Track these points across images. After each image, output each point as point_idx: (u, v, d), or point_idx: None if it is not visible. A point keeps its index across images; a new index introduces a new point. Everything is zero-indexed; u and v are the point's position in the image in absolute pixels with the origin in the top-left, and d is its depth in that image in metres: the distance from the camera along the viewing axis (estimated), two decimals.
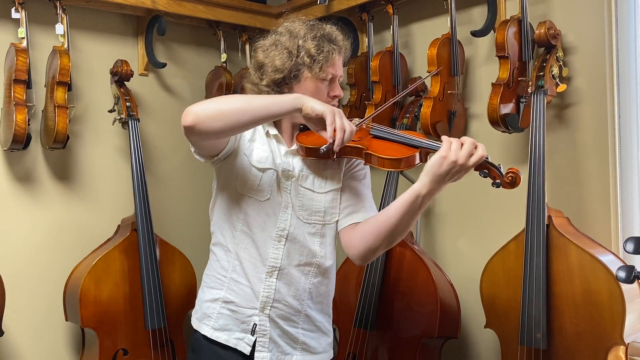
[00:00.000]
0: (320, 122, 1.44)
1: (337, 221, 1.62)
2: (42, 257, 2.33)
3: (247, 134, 1.62)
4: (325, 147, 1.43)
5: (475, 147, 1.41)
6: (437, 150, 1.43)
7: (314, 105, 1.43)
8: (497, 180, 1.43)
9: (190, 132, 1.44)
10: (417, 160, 1.49)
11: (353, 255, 1.58)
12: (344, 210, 1.61)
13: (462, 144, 1.40)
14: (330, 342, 1.70)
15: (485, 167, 1.44)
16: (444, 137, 1.43)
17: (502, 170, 1.43)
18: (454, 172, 1.40)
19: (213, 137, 1.48)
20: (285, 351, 1.60)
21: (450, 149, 1.39)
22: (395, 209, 1.47)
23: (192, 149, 1.59)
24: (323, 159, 1.57)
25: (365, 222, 1.57)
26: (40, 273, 2.32)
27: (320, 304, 1.65)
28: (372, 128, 1.57)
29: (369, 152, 1.50)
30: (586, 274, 1.75)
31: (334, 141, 1.40)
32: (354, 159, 1.63)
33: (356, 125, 1.51)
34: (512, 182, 1.42)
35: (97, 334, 2.15)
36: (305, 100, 1.44)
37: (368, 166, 1.65)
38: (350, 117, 1.60)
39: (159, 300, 2.24)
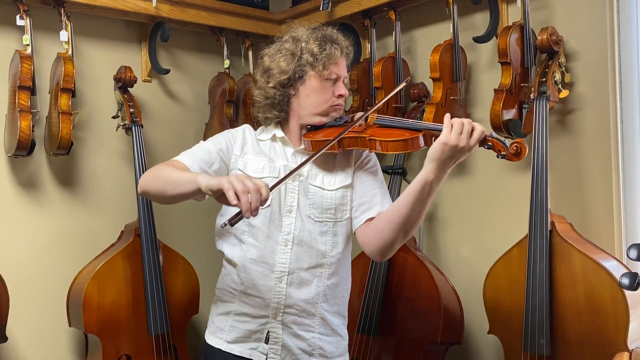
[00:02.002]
0: (220, 194, 1.35)
1: (348, 218, 1.62)
2: (45, 263, 2.33)
3: (236, 149, 1.65)
4: (230, 217, 1.32)
5: (473, 127, 1.40)
6: (441, 132, 1.42)
7: (208, 183, 1.37)
8: (503, 152, 1.42)
9: (145, 197, 1.59)
10: (422, 143, 1.49)
11: (371, 252, 1.57)
12: (358, 208, 1.61)
13: (462, 126, 1.39)
14: (346, 345, 1.69)
15: (489, 141, 1.43)
16: (445, 119, 1.42)
17: (506, 143, 1.43)
18: (457, 154, 1.40)
19: (160, 202, 1.59)
20: (300, 359, 1.60)
21: (451, 134, 1.38)
22: (405, 200, 1.46)
23: None
24: (329, 151, 1.57)
25: (378, 217, 1.56)
26: (44, 279, 2.33)
27: (336, 306, 1.65)
28: (376, 118, 1.59)
29: (373, 138, 1.51)
30: (589, 280, 1.75)
31: (241, 209, 1.30)
32: (363, 153, 1.66)
33: (349, 123, 1.52)
34: (517, 153, 1.41)
35: (101, 339, 2.15)
36: (199, 181, 1.39)
37: (377, 159, 1.68)
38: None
39: (162, 305, 2.24)
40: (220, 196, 1.36)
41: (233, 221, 1.32)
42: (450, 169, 1.42)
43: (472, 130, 1.39)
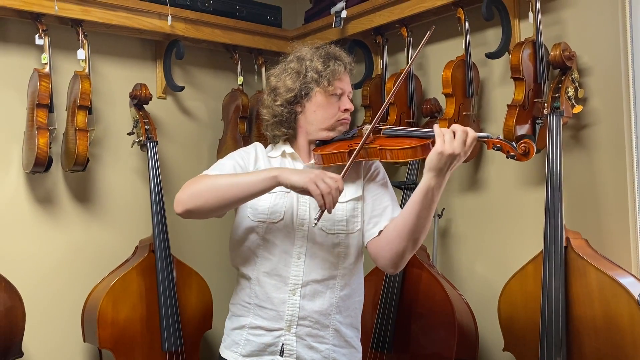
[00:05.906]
0: (305, 192, 1.47)
1: (359, 230, 1.63)
2: (61, 278, 2.35)
3: (250, 166, 1.67)
4: (317, 216, 1.47)
5: (467, 133, 1.44)
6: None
7: (292, 180, 1.46)
8: (512, 153, 1.46)
9: (186, 217, 1.55)
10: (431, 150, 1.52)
11: (383, 264, 1.59)
12: (370, 222, 1.63)
13: (454, 134, 1.43)
14: (360, 357, 1.69)
15: (498, 143, 1.47)
16: (435, 129, 1.46)
17: (514, 144, 1.47)
18: (454, 161, 1.44)
19: (206, 217, 1.59)
20: None
21: (445, 143, 1.43)
22: (411, 209, 1.50)
23: None
24: (340, 163, 1.60)
25: (387, 229, 1.59)
26: (59, 294, 2.34)
27: (350, 318, 1.65)
28: (384, 129, 1.61)
29: (383, 147, 1.54)
30: (606, 297, 1.73)
31: (325, 207, 1.44)
32: (372, 165, 1.68)
33: (357, 136, 1.58)
34: (526, 152, 1.45)
35: (115, 355, 2.15)
36: (282, 176, 1.48)
37: (385, 171, 1.70)
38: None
39: (176, 321, 2.25)
40: (302, 191, 1.47)
41: (318, 219, 1.47)
42: (449, 174, 1.47)
43: (466, 136, 1.43)
